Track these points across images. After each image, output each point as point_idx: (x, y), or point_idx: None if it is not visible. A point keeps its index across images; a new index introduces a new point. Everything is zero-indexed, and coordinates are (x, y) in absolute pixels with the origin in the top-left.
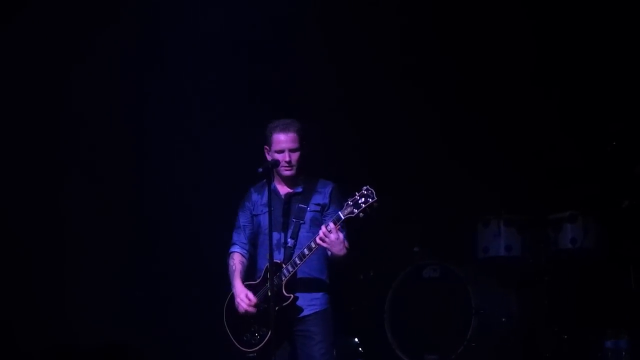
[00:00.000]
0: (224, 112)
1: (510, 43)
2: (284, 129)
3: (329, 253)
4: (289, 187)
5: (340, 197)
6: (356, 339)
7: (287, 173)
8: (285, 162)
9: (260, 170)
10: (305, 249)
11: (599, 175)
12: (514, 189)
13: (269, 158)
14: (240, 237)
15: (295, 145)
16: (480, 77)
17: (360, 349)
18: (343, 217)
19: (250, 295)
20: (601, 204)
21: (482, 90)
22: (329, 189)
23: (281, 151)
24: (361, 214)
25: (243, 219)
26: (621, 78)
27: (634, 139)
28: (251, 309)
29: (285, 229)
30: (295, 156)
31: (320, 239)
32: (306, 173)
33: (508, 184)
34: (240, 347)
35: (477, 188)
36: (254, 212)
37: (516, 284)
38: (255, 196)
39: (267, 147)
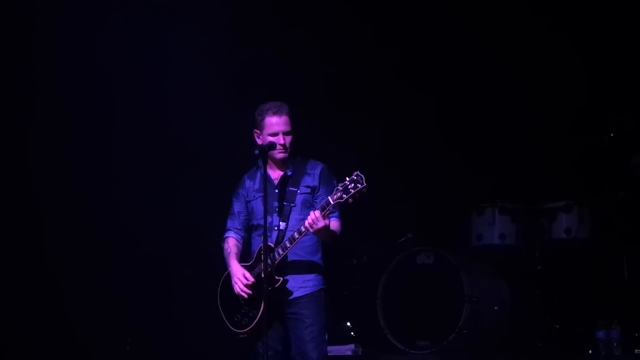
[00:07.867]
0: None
1: (509, 30)
2: (277, 112)
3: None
4: (280, 170)
5: (330, 177)
6: (348, 323)
7: (281, 156)
8: (280, 145)
9: (257, 152)
10: (295, 233)
11: (595, 165)
12: (510, 177)
13: (259, 142)
14: (234, 224)
15: (288, 128)
16: (477, 63)
17: (352, 333)
18: (332, 202)
19: (248, 274)
20: (596, 195)
21: (479, 78)
22: (318, 170)
23: (275, 134)
24: (350, 199)
25: (237, 206)
26: (621, 69)
27: (631, 130)
28: (246, 289)
29: (276, 212)
30: (289, 139)
31: (309, 224)
32: (297, 155)
33: (504, 172)
34: (232, 328)
35: (473, 175)
36: (247, 199)
37: (509, 272)
38: (248, 183)
39: (258, 131)
